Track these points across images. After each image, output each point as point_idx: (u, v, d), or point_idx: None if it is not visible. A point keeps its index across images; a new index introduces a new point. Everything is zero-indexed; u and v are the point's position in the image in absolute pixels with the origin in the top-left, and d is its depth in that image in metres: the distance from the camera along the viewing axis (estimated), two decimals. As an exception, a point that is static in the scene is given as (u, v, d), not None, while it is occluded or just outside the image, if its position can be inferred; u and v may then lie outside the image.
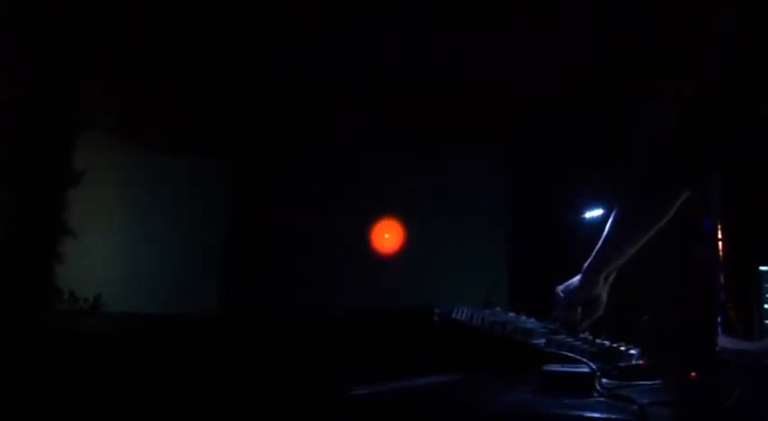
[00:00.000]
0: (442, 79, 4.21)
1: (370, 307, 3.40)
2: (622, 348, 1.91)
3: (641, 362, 1.77)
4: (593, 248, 1.82)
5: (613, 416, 1.30)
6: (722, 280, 3.13)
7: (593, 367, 1.61)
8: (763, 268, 2.75)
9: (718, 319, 3.03)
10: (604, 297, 1.89)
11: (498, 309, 2.17)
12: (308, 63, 4.31)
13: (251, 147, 4.55)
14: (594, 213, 2.05)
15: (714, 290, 3.13)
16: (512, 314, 2.18)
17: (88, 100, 3.94)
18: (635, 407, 1.27)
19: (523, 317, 2.16)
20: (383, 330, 2.22)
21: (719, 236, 3.23)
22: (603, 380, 1.58)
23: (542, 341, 1.86)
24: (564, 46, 3.80)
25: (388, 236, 4.33)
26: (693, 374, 1.26)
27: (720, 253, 3.19)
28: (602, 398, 1.46)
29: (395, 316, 2.25)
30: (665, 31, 3.14)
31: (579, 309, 1.90)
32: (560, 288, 1.93)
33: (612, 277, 1.87)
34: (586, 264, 1.83)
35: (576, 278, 1.87)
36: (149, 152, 4.29)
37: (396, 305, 3.52)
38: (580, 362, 1.66)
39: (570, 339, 1.88)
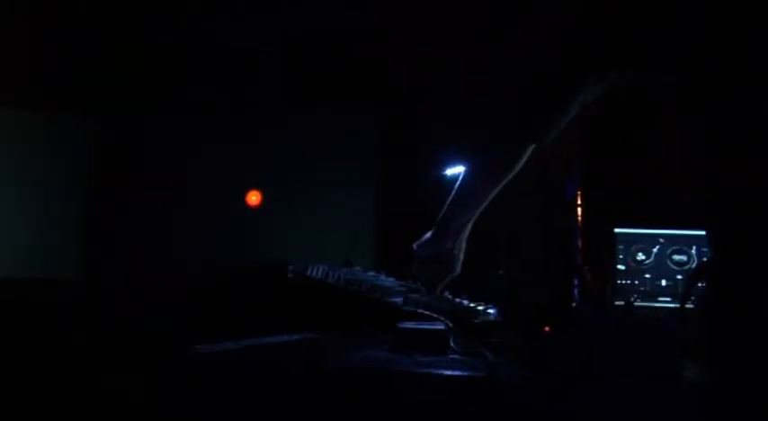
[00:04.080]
0: (311, 45, 4.13)
1: (224, 265, 3.29)
2: (480, 308, 1.89)
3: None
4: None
5: (465, 373, 1.26)
6: (580, 244, 3.21)
7: (450, 324, 1.57)
8: (618, 230, 2.82)
9: (575, 282, 3.11)
10: (459, 255, 1.87)
11: (357, 268, 2.11)
12: (173, 24, 4.12)
13: (113, 106, 4.31)
14: (456, 170, 2.02)
15: (572, 253, 3.20)
16: (371, 273, 2.12)
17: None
18: (485, 362, 1.23)
19: (382, 277, 2.11)
20: (237, 288, 2.12)
21: (579, 202, 3.30)
22: (460, 339, 1.55)
23: (399, 299, 1.81)
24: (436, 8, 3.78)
25: (254, 200, 4.20)
26: (546, 328, 1.24)
27: (579, 218, 3.27)
28: (456, 356, 1.42)
29: (249, 273, 2.15)
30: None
31: (433, 265, 1.87)
32: (416, 243, 1.90)
33: (466, 234, 1.84)
34: (438, 217, 1.83)
35: (429, 232, 1.86)
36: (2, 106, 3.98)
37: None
38: (437, 319, 1.62)
39: (427, 298, 1.84)
